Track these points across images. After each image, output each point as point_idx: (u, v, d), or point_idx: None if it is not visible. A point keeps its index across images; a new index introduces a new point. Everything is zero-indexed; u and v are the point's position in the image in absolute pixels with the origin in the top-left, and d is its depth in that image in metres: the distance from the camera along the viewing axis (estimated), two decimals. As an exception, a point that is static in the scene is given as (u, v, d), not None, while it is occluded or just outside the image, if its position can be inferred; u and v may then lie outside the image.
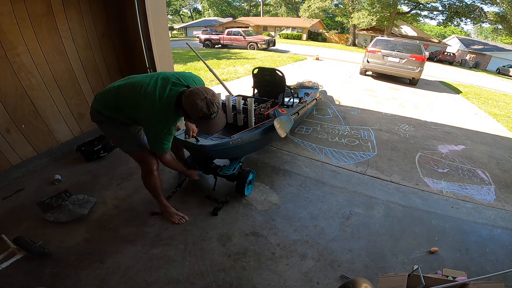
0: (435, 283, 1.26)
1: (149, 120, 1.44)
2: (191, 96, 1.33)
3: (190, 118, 1.44)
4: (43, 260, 1.53)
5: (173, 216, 1.89)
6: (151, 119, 1.43)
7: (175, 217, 1.89)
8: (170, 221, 1.88)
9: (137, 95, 1.41)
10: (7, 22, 2.00)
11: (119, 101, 1.48)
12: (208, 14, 47.25)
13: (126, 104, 1.46)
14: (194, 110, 1.34)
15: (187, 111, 1.37)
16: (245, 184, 2.09)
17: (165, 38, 2.96)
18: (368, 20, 21.02)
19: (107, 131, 1.67)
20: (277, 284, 1.52)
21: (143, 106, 1.41)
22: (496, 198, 2.55)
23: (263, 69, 2.97)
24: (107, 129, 1.64)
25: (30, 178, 2.29)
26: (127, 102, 1.46)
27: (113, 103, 1.49)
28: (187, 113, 1.39)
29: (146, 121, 1.45)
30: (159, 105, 1.40)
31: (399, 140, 3.65)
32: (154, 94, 1.40)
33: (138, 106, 1.43)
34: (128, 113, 1.50)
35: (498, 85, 11.20)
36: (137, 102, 1.42)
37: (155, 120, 1.42)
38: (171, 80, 1.45)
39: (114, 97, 1.49)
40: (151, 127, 1.46)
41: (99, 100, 1.54)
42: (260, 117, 2.36)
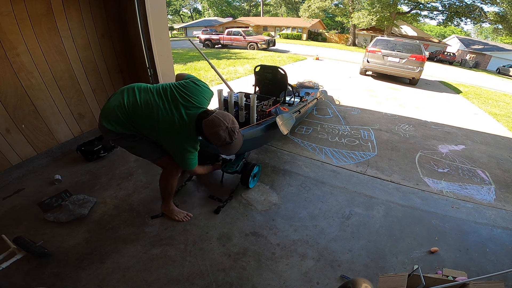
0: (435, 283, 1.26)
1: (172, 143, 1.48)
2: (213, 128, 1.39)
3: (211, 144, 1.51)
4: (43, 260, 1.53)
5: (177, 214, 1.89)
6: (174, 142, 1.47)
7: (180, 215, 1.90)
8: (175, 219, 1.88)
9: (154, 122, 1.43)
10: (7, 22, 2.00)
11: (136, 123, 1.46)
12: (208, 14, 47.26)
13: (145, 129, 1.48)
14: (217, 140, 1.42)
15: (209, 139, 1.45)
16: (250, 177, 2.10)
17: (165, 38, 2.95)
18: (368, 20, 21.03)
19: (125, 145, 1.64)
20: (277, 284, 1.52)
21: (163, 130, 1.44)
22: (496, 198, 2.55)
23: (265, 66, 2.96)
24: (126, 144, 1.62)
25: (30, 178, 2.29)
26: (146, 129, 1.47)
27: (129, 123, 1.47)
28: (208, 139, 1.46)
29: (169, 143, 1.49)
30: (180, 131, 1.44)
31: (399, 140, 3.64)
32: (173, 119, 1.43)
33: (158, 131, 1.45)
34: (148, 135, 1.51)
35: (498, 85, 11.20)
36: (156, 127, 1.44)
37: (178, 142, 1.47)
38: (181, 102, 1.45)
39: (128, 119, 1.46)
40: (176, 148, 1.50)
41: (111, 119, 1.47)
42: (262, 114, 2.36)
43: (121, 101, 1.46)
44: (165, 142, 1.50)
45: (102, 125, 1.50)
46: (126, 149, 1.69)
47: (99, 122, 1.53)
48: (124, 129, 1.48)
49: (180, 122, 1.43)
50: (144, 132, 1.49)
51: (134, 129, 1.48)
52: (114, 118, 1.46)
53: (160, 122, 1.42)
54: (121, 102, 1.46)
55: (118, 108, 1.46)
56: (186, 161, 1.54)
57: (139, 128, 1.48)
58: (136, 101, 1.46)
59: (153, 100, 1.45)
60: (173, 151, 1.54)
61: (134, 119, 1.45)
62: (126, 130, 1.49)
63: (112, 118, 1.46)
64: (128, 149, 1.69)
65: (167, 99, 1.46)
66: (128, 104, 1.45)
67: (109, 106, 1.49)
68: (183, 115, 1.44)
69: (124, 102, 1.45)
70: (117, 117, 1.45)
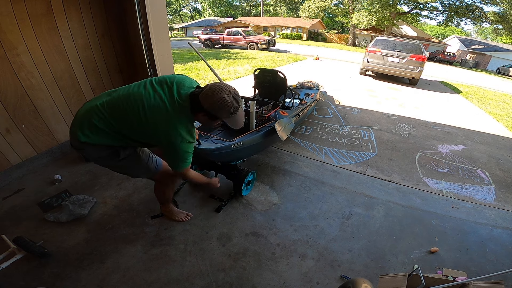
0: (435, 283, 1.26)
1: (165, 133, 1.23)
2: (216, 95, 1.19)
3: (217, 119, 1.31)
4: (43, 260, 1.53)
5: (177, 215, 1.88)
6: (167, 135, 1.23)
7: (180, 216, 1.89)
8: (175, 220, 1.87)
9: (140, 114, 1.21)
10: (7, 22, 2.00)
11: (117, 125, 1.24)
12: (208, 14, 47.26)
13: (131, 128, 1.25)
14: (225, 107, 1.22)
15: (214, 111, 1.23)
16: (242, 185, 2.09)
17: (165, 38, 2.95)
18: (368, 20, 21.02)
19: (113, 166, 1.45)
20: (277, 284, 1.52)
21: (152, 120, 1.21)
22: (496, 198, 2.55)
23: (264, 70, 2.97)
24: (112, 164, 1.41)
25: (30, 178, 2.29)
26: (131, 127, 1.25)
27: (108, 128, 1.24)
28: (212, 113, 1.24)
29: (161, 135, 1.24)
30: (172, 114, 1.22)
31: (399, 140, 3.64)
32: (162, 103, 1.22)
33: (147, 123, 1.22)
34: (135, 136, 1.29)
35: (498, 85, 11.20)
36: (143, 120, 1.21)
37: (171, 134, 1.23)
38: (168, 85, 1.27)
39: (107, 123, 1.23)
40: (169, 144, 1.25)
41: (85, 126, 1.23)
42: (261, 119, 2.36)
43: (96, 104, 1.25)
44: (157, 135, 1.25)
45: (74, 137, 1.25)
46: (115, 170, 1.51)
47: (71, 134, 1.28)
48: (103, 138, 1.25)
49: (172, 104, 1.23)
50: (129, 133, 1.27)
51: (117, 135, 1.27)
52: (88, 125, 1.23)
53: (147, 111, 1.21)
54: (95, 105, 1.25)
55: (92, 111, 1.24)
56: (180, 161, 1.31)
57: (123, 130, 1.26)
58: (113, 98, 1.26)
59: (136, 91, 1.26)
60: (165, 149, 1.29)
61: (114, 120, 1.24)
62: (106, 141, 1.27)
63: (86, 126, 1.23)
64: (118, 170, 1.52)
65: (152, 86, 1.27)
66: (103, 104, 1.25)
67: (81, 113, 1.27)
68: (174, 95, 1.24)
69: (98, 104, 1.25)
70: (91, 124, 1.22)
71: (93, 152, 1.33)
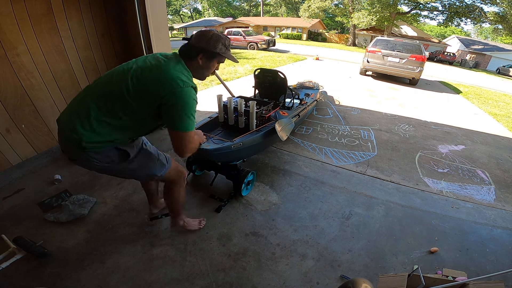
0: (435, 283, 1.26)
1: (163, 90, 1.12)
2: (208, 32, 1.21)
3: (214, 58, 1.27)
4: (43, 260, 1.53)
5: (193, 225, 1.81)
6: (165, 86, 1.12)
7: (196, 225, 1.83)
8: (190, 230, 1.79)
9: (129, 79, 1.14)
10: (7, 22, 2.00)
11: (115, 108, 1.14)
12: (208, 14, 47.26)
13: (124, 103, 1.14)
14: (220, 39, 1.23)
15: (212, 47, 1.21)
16: (242, 185, 2.09)
17: (165, 38, 2.96)
18: (368, 20, 21.03)
19: (115, 169, 1.30)
20: (277, 284, 1.52)
21: (143, 84, 1.14)
22: (496, 198, 2.55)
23: (265, 70, 2.97)
24: (115, 167, 1.28)
25: (30, 178, 2.29)
26: (123, 101, 1.14)
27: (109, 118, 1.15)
28: (211, 50, 1.22)
29: (160, 95, 1.12)
30: (163, 65, 1.16)
31: (399, 140, 3.64)
32: (149, 63, 1.18)
33: (140, 90, 1.13)
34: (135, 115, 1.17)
35: (498, 85, 11.20)
36: (134, 85, 1.13)
37: (170, 82, 1.12)
38: (151, 55, 1.25)
39: (103, 112, 1.14)
40: (172, 94, 1.12)
41: (87, 127, 1.12)
42: (261, 120, 2.36)
43: (83, 99, 1.18)
44: (156, 93, 1.13)
45: (72, 141, 1.13)
46: (124, 174, 1.38)
47: (65, 140, 1.19)
48: (107, 134, 1.16)
49: (158, 60, 1.19)
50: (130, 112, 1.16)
51: (119, 123, 1.16)
52: (88, 123, 1.12)
53: (138, 74, 1.15)
54: (83, 100, 1.18)
55: (83, 107, 1.15)
56: (188, 107, 1.15)
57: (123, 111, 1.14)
58: (98, 85, 1.21)
59: (118, 68, 1.23)
60: (168, 96, 1.12)
61: (111, 104, 1.14)
62: (110, 136, 1.17)
63: (85, 124, 1.12)
64: (129, 173, 1.37)
65: (135, 61, 1.23)
66: (92, 96, 1.17)
67: (69, 114, 1.18)
68: (158, 56, 1.22)
69: (86, 99, 1.17)
70: (89, 120, 1.13)
71: (99, 157, 1.20)
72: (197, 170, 2.44)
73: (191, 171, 2.40)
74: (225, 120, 2.41)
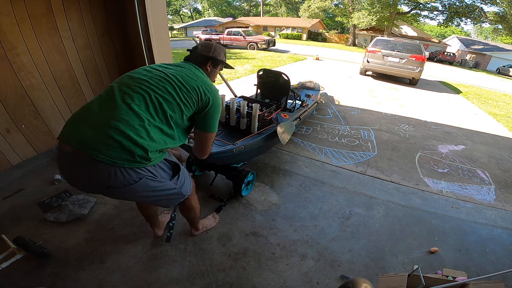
0: (435, 283, 1.26)
1: (207, 91, 1.19)
2: (212, 44, 1.36)
3: (218, 65, 1.40)
4: (43, 260, 1.53)
5: (208, 224, 1.84)
6: (208, 90, 1.19)
7: (210, 223, 1.85)
8: (209, 229, 1.82)
9: (169, 79, 1.12)
10: (7, 22, 2.00)
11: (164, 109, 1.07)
12: (208, 14, 47.27)
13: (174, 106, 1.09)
14: (223, 50, 1.40)
15: (219, 55, 1.36)
16: (242, 185, 2.09)
17: (165, 38, 2.95)
18: (368, 20, 21.04)
19: (143, 190, 1.08)
20: (277, 284, 1.52)
21: (189, 84, 1.14)
22: (496, 198, 2.55)
23: (268, 71, 2.97)
24: (151, 186, 1.09)
25: (30, 178, 2.29)
26: (173, 103, 1.09)
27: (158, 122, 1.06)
28: (218, 58, 1.35)
29: (204, 95, 1.17)
30: (195, 72, 1.24)
31: (399, 140, 3.65)
32: (182, 66, 1.25)
33: (188, 91, 1.13)
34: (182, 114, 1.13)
35: (498, 85, 11.20)
36: (180, 86, 1.12)
37: (209, 86, 1.21)
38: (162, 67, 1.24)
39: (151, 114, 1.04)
40: (213, 97, 1.20)
41: (136, 134, 0.97)
42: (263, 122, 2.36)
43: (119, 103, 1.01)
44: (201, 92, 1.16)
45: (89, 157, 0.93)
46: (162, 198, 1.20)
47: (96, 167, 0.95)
48: (160, 136, 1.06)
49: (194, 69, 1.25)
50: (177, 117, 1.11)
51: (166, 122, 1.08)
52: (137, 121, 0.99)
53: (182, 76, 1.16)
54: (119, 104, 1.01)
55: (122, 107, 0.99)
56: (219, 110, 1.25)
57: (171, 113, 1.08)
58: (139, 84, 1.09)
59: (159, 72, 1.16)
60: (210, 98, 1.19)
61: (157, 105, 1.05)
62: (164, 143, 1.08)
63: (134, 122, 0.98)
64: (154, 198, 1.17)
65: (167, 68, 1.23)
66: (130, 97, 1.03)
67: (108, 124, 0.96)
68: (184, 64, 1.28)
69: (123, 102, 1.01)
70: (139, 119, 0.99)
71: (154, 172, 1.09)
72: (197, 171, 2.45)
73: (191, 171, 2.40)
74: (226, 120, 2.41)
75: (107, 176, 0.97)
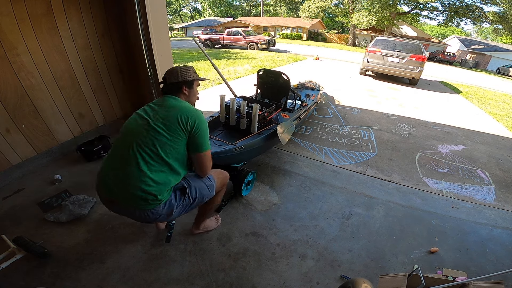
0: (435, 283, 1.26)
1: (190, 118, 1.28)
2: (175, 68, 1.39)
3: (193, 84, 1.44)
4: (43, 260, 1.53)
5: (211, 225, 1.85)
6: (189, 115, 1.28)
7: (213, 224, 1.86)
8: (210, 230, 1.83)
9: (153, 121, 1.25)
10: (7, 22, 2.00)
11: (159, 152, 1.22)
12: (208, 14, 47.27)
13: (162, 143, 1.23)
14: (188, 69, 1.42)
15: (187, 76, 1.40)
16: (242, 185, 2.09)
17: (165, 38, 2.95)
18: (368, 20, 21.03)
19: (181, 208, 1.36)
20: (277, 284, 1.52)
21: (166, 119, 1.26)
22: (496, 198, 2.55)
23: (268, 71, 2.97)
24: (184, 203, 1.35)
25: (30, 178, 2.29)
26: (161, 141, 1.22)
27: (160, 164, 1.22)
28: (188, 79, 1.40)
29: (188, 123, 1.27)
30: (175, 101, 1.34)
31: (399, 140, 3.64)
32: (160, 103, 1.34)
33: (168, 127, 1.24)
34: (172, 149, 1.26)
35: (498, 85, 11.20)
36: (160, 124, 1.25)
37: (190, 111, 1.30)
38: (150, 108, 1.36)
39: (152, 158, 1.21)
40: (197, 121, 1.29)
41: (145, 184, 1.18)
42: (263, 122, 2.36)
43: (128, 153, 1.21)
44: (182, 123, 1.26)
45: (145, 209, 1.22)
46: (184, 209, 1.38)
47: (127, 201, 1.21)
48: (163, 176, 1.23)
49: (173, 101, 1.34)
50: (170, 150, 1.25)
51: (163, 161, 1.24)
52: (141, 170, 1.18)
53: (162, 112, 1.28)
54: (128, 154, 1.21)
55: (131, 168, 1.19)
56: (207, 129, 1.35)
57: (164, 151, 1.23)
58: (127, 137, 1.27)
59: (142, 119, 1.30)
60: (194, 122, 1.28)
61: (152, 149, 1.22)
62: (169, 182, 1.26)
63: (139, 169, 1.18)
64: (187, 207, 1.39)
65: (145, 111, 1.34)
66: (134, 150, 1.21)
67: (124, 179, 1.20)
68: (162, 101, 1.36)
69: (131, 152, 1.21)
70: (147, 175, 1.19)
71: (171, 198, 1.29)
72: None
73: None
74: (226, 120, 2.41)
75: (136, 216, 1.28)
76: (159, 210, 1.25)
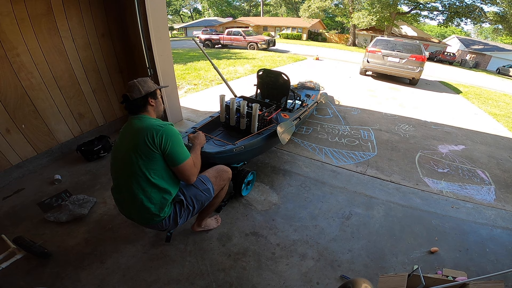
0: (435, 283, 1.26)
1: (156, 135, 1.27)
2: (132, 82, 1.37)
3: (155, 93, 1.42)
4: (43, 260, 1.54)
5: (211, 224, 1.86)
6: (154, 132, 1.27)
7: (213, 223, 1.88)
8: (210, 229, 1.85)
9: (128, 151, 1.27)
10: (7, 22, 2.00)
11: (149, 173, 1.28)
12: (208, 14, 47.27)
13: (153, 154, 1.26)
14: (145, 80, 1.40)
15: (146, 87, 1.37)
16: (242, 185, 2.09)
17: (165, 38, 2.96)
18: (368, 20, 21.02)
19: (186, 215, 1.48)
20: (277, 284, 1.52)
21: (138, 138, 1.26)
22: (496, 198, 2.55)
23: (268, 71, 2.96)
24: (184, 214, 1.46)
25: (30, 178, 2.29)
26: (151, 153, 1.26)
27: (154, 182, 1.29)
28: (148, 90, 1.37)
29: (155, 140, 1.26)
30: (138, 122, 1.32)
31: (399, 140, 3.64)
32: (126, 130, 1.35)
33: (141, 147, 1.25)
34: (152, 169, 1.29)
35: (498, 85, 11.20)
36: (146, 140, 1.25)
37: (156, 128, 1.28)
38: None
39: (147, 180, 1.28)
40: (166, 135, 1.28)
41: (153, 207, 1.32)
42: (263, 122, 2.36)
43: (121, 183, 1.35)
44: (153, 144, 1.26)
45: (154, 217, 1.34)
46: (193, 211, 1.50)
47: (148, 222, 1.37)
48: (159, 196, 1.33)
49: (136, 123, 1.32)
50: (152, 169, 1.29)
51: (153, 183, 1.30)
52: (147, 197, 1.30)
53: (129, 138, 1.30)
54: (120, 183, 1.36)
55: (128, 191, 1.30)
56: (180, 139, 1.34)
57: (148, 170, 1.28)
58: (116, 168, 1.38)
59: (119, 152, 1.35)
60: (162, 136, 1.27)
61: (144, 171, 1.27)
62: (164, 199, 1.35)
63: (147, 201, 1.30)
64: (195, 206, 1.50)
65: (119, 143, 1.38)
66: (123, 180, 1.33)
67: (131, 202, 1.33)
68: (127, 126, 1.36)
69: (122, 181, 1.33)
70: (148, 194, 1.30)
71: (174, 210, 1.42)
72: None
73: None
74: (226, 120, 2.41)
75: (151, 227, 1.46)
76: (165, 223, 1.39)
